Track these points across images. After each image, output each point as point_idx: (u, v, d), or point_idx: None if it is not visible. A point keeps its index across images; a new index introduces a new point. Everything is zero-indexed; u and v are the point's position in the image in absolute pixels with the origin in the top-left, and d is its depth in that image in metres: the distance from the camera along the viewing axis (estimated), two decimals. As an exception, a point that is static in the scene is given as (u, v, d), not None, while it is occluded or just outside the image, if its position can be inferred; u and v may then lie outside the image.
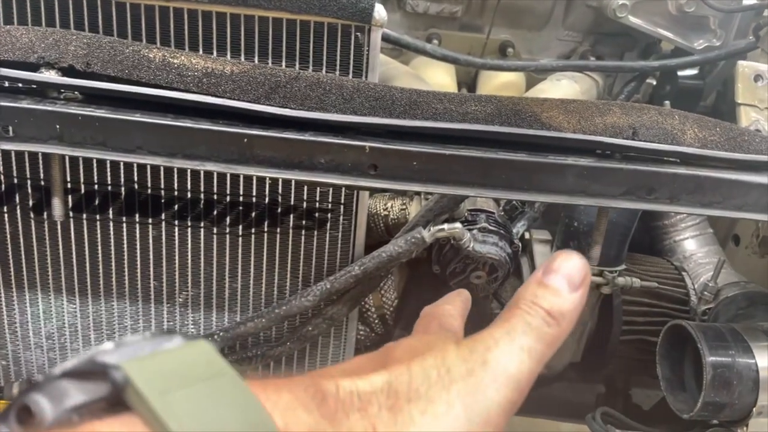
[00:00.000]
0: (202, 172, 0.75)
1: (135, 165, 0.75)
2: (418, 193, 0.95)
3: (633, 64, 1.05)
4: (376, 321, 0.99)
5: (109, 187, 0.76)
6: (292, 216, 0.79)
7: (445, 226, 0.79)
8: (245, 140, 0.58)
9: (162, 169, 0.74)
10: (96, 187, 0.76)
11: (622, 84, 1.13)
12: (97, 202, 0.76)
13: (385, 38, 0.86)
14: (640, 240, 1.14)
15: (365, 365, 0.33)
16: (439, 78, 1.08)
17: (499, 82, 1.12)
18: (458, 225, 0.79)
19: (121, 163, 0.74)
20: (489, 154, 0.61)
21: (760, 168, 0.64)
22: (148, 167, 0.74)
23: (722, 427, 0.86)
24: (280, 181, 0.76)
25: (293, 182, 0.77)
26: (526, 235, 1.00)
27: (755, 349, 0.75)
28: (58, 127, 0.58)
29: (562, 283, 0.34)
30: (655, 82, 1.19)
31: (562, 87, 1.04)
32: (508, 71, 1.03)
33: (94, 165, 0.74)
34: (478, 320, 1.00)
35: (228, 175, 0.76)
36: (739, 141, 0.65)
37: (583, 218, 0.88)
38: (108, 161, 0.74)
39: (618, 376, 1.13)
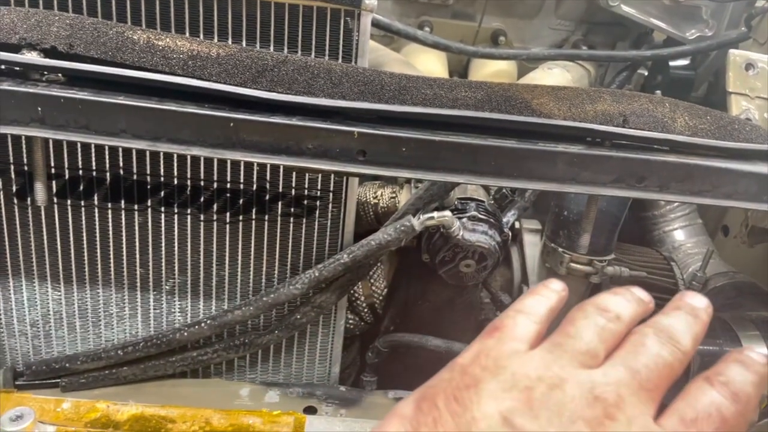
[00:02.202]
0: (188, 158, 0.74)
1: (120, 150, 0.74)
2: (408, 182, 0.95)
3: (624, 53, 1.05)
4: (366, 310, 0.98)
5: (94, 173, 0.74)
6: (280, 203, 0.78)
7: (435, 214, 0.78)
8: (231, 124, 0.57)
9: (148, 154, 0.73)
10: (81, 172, 0.74)
11: (614, 74, 1.13)
12: (81, 187, 0.75)
13: (375, 24, 0.85)
14: (631, 230, 1.14)
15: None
16: (431, 66, 1.08)
17: (490, 71, 1.11)
18: (448, 213, 0.78)
19: (106, 148, 0.73)
20: (479, 140, 0.60)
21: (750, 156, 0.64)
22: (134, 152, 0.73)
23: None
24: (269, 167, 0.75)
25: (281, 168, 0.76)
26: (517, 225, 1.00)
27: (743, 339, 0.75)
28: (39, 109, 0.57)
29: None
30: (646, 73, 1.19)
31: (553, 76, 1.04)
32: (500, 60, 1.02)
33: (79, 150, 0.73)
34: (466, 308, 1.00)
35: (215, 161, 0.75)
36: (730, 129, 0.65)
37: (573, 207, 0.87)
38: (93, 146, 0.73)
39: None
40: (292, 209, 0.79)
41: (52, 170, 0.73)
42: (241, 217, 0.78)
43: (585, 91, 0.65)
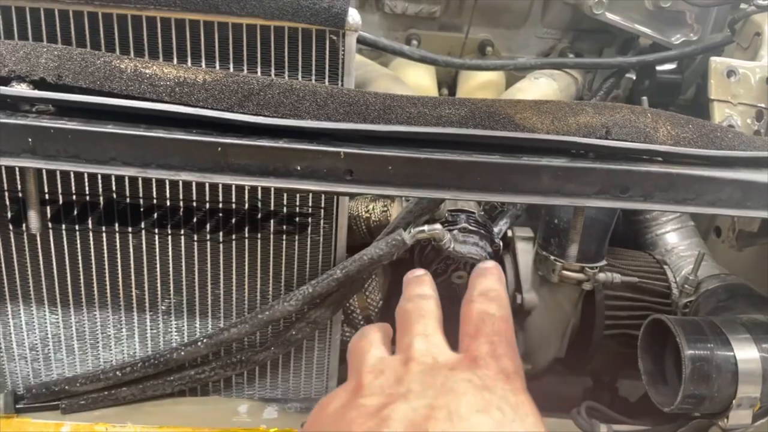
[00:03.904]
0: (180, 181, 0.75)
1: (113, 176, 0.74)
2: (399, 196, 0.96)
3: (611, 60, 1.06)
4: (362, 322, 0.99)
5: (87, 197, 0.75)
6: (272, 221, 0.79)
7: (426, 227, 0.79)
8: (219, 149, 0.58)
9: (140, 177, 0.74)
10: (74, 197, 0.75)
11: (602, 80, 1.14)
12: (75, 212, 0.76)
13: (362, 41, 0.86)
14: (624, 234, 1.15)
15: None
16: (419, 79, 1.09)
17: (479, 81, 1.12)
18: (438, 226, 0.79)
19: (99, 174, 0.74)
20: (464, 156, 0.61)
21: (733, 164, 0.65)
22: (126, 177, 0.74)
23: (704, 420, 0.87)
24: (259, 186, 0.76)
25: (272, 188, 0.77)
26: (509, 233, 1.01)
27: (734, 342, 0.76)
28: (30, 140, 0.58)
29: None
30: (634, 77, 1.20)
31: (540, 85, 1.04)
32: (487, 71, 1.04)
33: (72, 175, 0.74)
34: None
35: (207, 183, 0.76)
36: (712, 137, 0.66)
37: (563, 215, 0.88)
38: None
39: (604, 370, 1.14)
40: (285, 227, 0.80)
41: (46, 196, 0.74)
42: (234, 236, 0.79)
43: (567, 104, 0.65)
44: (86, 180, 0.74)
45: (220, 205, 0.77)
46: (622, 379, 1.18)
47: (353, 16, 0.68)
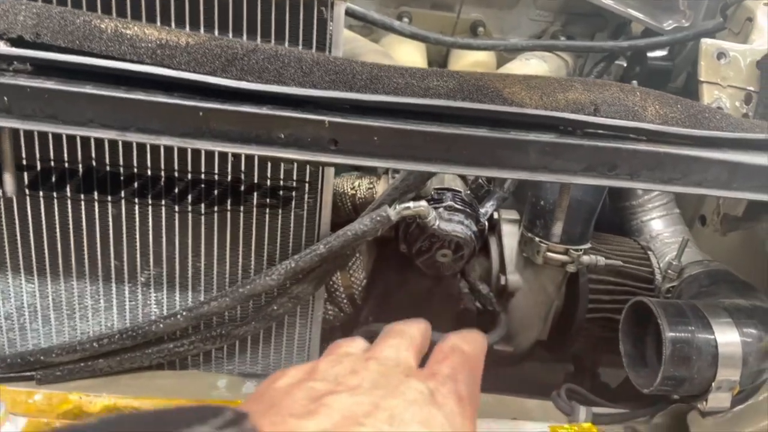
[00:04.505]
0: (162, 149, 0.74)
1: (92, 141, 0.73)
2: (386, 172, 0.95)
3: (602, 44, 1.05)
4: (345, 301, 0.98)
5: (66, 164, 0.74)
6: (255, 194, 0.78)
7: (411, 204, 0.79)
8: (201, 113, 0.57)
9: (120, 145, 0.73)
10: (52, 163, 0.74)
11: (593, 64, 1.14)
12: (53, 179, 0.74)
13: (351, 13, 0.84)
14: (610, 221, 1.15)
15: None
16: (410, 56, 1.07)
17: (469, 61, 1.11)
18: (424, 203, 0.79)
19: (78, 139, 0.73)
20: (450, 129, 0.60)
21: (720, 144, 0.65)
22: (106, 143, 0.73)
23: (683, 403, 0.88)
24: (243, 157, 0.75)
25: (256, 159, 0.76)
26: (495, 215, 1.01)
27: (715, 326, 0.76)
28: (6, 99, 0.56)
29: None
30: (625, 64, 1.19)
31: (530, 66, 1.04)
32: (478, 50, 1.02)
33: (51, 141, 0.73)
34: (445, 298, 1.00)
35: (189, 152, 0.74)
36: (700, 118, 0.66)
37: (549, 197, 0.88)
38: (64, 136, 0.72)
39: (585, 355, 1.15)
40: (268, 200, 0.78)
41: (24, 162, 0.73)
42: (216, 208, 0.78)
43: (556, 80, 0.65)
44: (65, 145, 0.73)
45: (203, 176, 0.76)
46: (603, 366, 1.19)
47: (342, -16, 0.67)
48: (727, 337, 0.75)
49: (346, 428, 0.31)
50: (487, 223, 0.90)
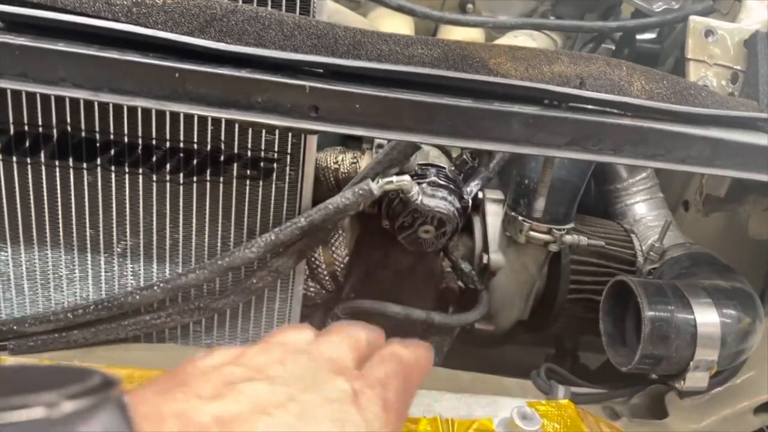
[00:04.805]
0: (139, 114, 0.72)
1: (67, 104, 0.71)
2: (370, 147, 0.94)
3: (591, 24, 1.04)
4: (327, 278, 0.98)
5: (41, 128, 0.72)
6: (236, 165, 0.77)
7: (394, 178, 0.78)
8: (177, 75, 0.55)
9: (96, 109, 0.71)
10: (26, 128, 0.72)
11: (581, 45, 1.13)
12: (27, 143, 0.72)
13: (337, -17, 0.83)
14: (595, 205, 1.15)
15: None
16: (397, 30, 1.05)
17: (457, 38, 1.09)
18: (407, 177, 0.78)
19: (53, 102, 0.71)
20: (434, 98, 0.59)
21: (705, 121, 0.64)
22: (81, 107, 0.71)
23: (661, 383, 0.88)
24: (223, 125, 0.74)
25: (237, 128, 0.74)
26: (480, 195, 1.00)
27: (694, 306, 0.76)
28: (-26, 55, 0.54)
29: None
30: (614, 47, 1.19)
31: (519, 43, 1.02)
32: (466, 27, 1.01)
33: (24, 104, 0.70)
34: (427, 277, 0.99)
35: (167, 119, 0.73)
36: (686, 95, 0.65)
37: (534, 176, 0.87)
38: (38, 100, 0.70)
39: (566, 336, 1.15)
40: (248, 171, 0.77)
41: (-4, 125, 0.71)
42: (195, 178, 0.76)
43: (542, 52, 0.64)
44: (39, 108, 0.71)
45: (181, 145, 0.74)
46: (584, 350, 1.19)
47: (327, -51, 0.65)
48: (707, 317, 0.76)
49: (252, 416, 0.29)
50: (471, 202, 0.90)
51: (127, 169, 0.75)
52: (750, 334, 0.78)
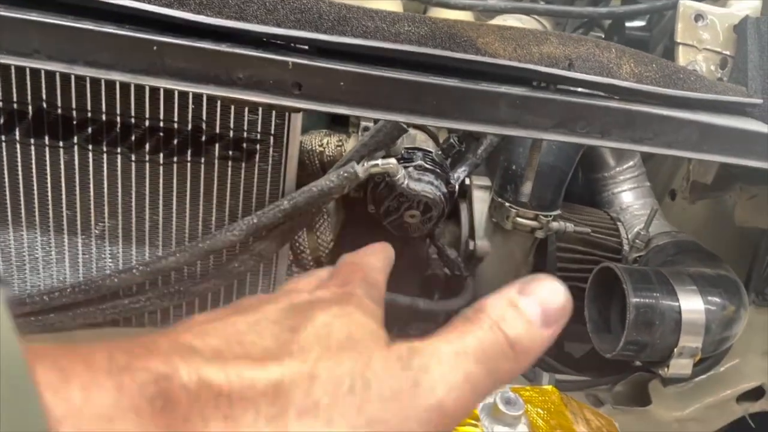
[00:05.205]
0: (117, 91, 0.70)
1: (43, 79, 0.69)
2: (356, 131, 0.92)
3: (581, 9, 1.03)
4: (312, 263, 0.96)
5: (15, 105, 0.70)
6: (217, 145, 0.75)
7: (379, 161, 0.76)
8: (155, 48, 0.53)
9: (73, 84, 0.69)
10: (0, 104, 0.69)
11: (571, 31, 1.12)
12: (1, 121, 0.70)
13: (323, -40, 0.80)
14: (581, 193, 1.14)
15: (256, 332, 0.25)
16: (385, 15, 1.04)
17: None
18: (393, 161, 0.76)
19: (28, 77, 0.68)
20: (420, 77, 0.58)
21: (693, 106, 0.64)
22: (57, 82, 0.69)
23: (645, 371, 0.88)
24: (204, 103, 0.72)
25: (218, 108, 0.73)
26: (467, 181, 0.99)
27: (679, 292, 0.76)
28: (-59, 23, 0.52)
29: (537, 312, 0.27)
30: (603, 35, 1.18)
31: (508, 28, 1.01)
32: (455, 9, 1.00)
33: (-3, 79, 0.68)
34: (413, 263, 0.98)
35: (147, 97, 0.71)
36: (674, 78, 0.64)
37: (521, 161, 0.86)
38: (13, 75, 0.68)
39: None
40: (231, 152, 0.75)
41: (-32, 101, 0.68)
42: (175, 159, 0.74)
43: (531, 32, 0.63)
44: (14, 84, 0.68)
45: (161, 124, 0.72)
46: (568, 339, 1.19)
47: None
48: (691, 304, 0.75)
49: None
50: (457, 187, 0.89)
51: (105, 148, 0.73)
52: (734, 322, 0.78)
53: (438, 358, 0.25)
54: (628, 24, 1.11)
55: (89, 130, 0.71)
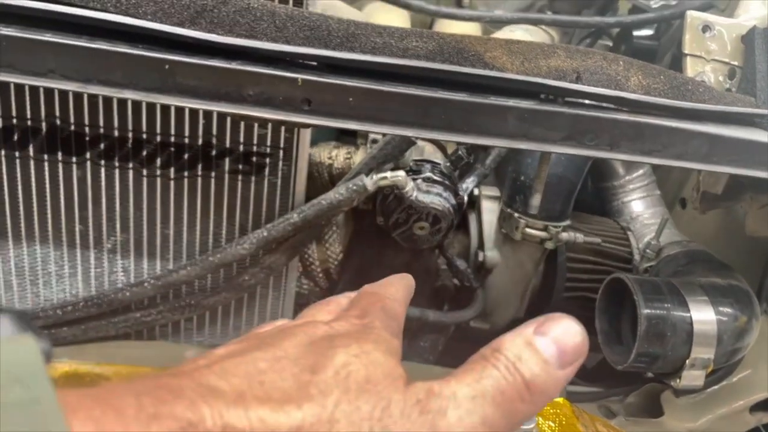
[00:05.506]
0: (129, 108, 0.71)
1: (56, 97, 0.70)
2: (364, 143, 0.93)
3: (588, 19, 1.03)
4: (321, 275, 0.97)
5: (29, 122, 0.71)
6: (227, 159, 0.76)
7: (388, 174, 0.77)
8: (167, 66, 0.54)
9: (86, 102, 0.70)
10: (14, 121, 0.70)
11: (578, 41, 1.12)
12: (16, 137, 0.71)
13: (331, -24, 0.82)
14: (591, 202, 1.14)
15: (276, 372, 0.25)
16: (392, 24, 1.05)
17: (454, 32, 1.08)
18: (401, 173, 0.77)
19: (42, 95, 0.69)
20: (428, 92, 0.58)
21: (702, 117, 0.64)
22: (71, 100, 0.70)
23: (657, 382, 0.88)
24: (214, 119, 0.73)
25: (228, 122, 0.73)
26: (476, 192, 0.99)
27: (690, 303, 0.76)
28: (-41, 45, 0.53)
29: (553, 352, 0.27)
30: (611, 44, 1.18)
31: (515, 38, 1.02)
32: (462, 21, 1.00)
33: (12, 97, 0.69)
34: (422, 274, 0.98)
35: (158, 113, 0.71)
36: (683, 90, 0.64)
37: (530, 172, 0.86)
38: (27, 93, 0.69)
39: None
40: (240, 166, 0.76)
41: (-16, 118, 0.69)
42: (186, 173, 0.75)
43: (539, 46, 0.63)
44: (28, 101, 0.69)
45: (172, 139, 0.73)
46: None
47: (320, -60, 0.64)
48: (703, 315, 0.75)
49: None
50: (466, 198, 0.89)
51: (117, 164, 0.74)
52: (746, 332, 0.77)
53: (455, 402, 0.25)
54: (635, 33, 1.11)
55: (102, 145, 0.72)
